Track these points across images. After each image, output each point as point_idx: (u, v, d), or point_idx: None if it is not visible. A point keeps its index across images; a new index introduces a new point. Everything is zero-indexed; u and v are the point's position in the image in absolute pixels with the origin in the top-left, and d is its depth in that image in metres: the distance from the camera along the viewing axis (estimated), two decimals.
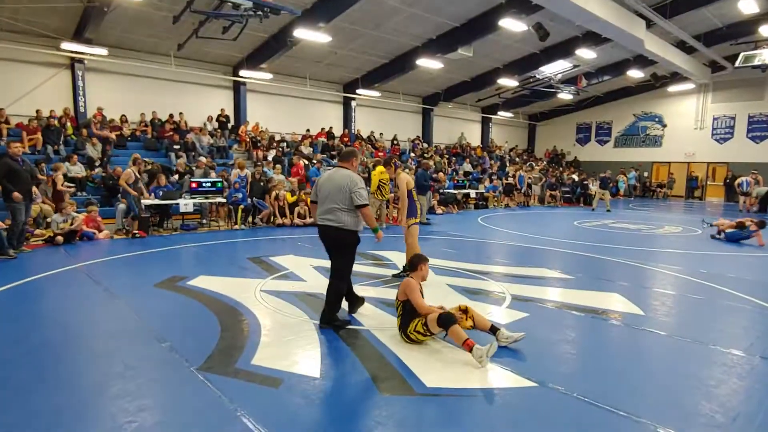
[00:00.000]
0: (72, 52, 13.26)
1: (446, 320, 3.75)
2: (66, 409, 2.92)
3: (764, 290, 6.03)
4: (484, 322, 4.03)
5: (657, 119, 25.22)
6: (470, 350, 3.58)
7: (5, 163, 7.37)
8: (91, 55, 13.50)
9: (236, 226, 11.07)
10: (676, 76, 20.78)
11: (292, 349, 3.90)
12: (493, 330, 3.97)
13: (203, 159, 13.09)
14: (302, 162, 14.75)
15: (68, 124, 13.22)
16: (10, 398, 3.04)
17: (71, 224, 8.64)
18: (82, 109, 13.98)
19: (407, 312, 4.00)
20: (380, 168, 10.01)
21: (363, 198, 4.31)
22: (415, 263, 4.25)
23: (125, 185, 9.20)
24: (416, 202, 6.26)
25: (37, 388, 3.17)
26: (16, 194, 7.24)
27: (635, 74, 20.69)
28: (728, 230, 10.06)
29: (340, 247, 4.45)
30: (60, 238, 8.38)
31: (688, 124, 24.02)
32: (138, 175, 10.12)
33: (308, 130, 18.55)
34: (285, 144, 16.95)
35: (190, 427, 2.74)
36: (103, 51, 13.33)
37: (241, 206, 11.13)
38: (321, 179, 4.60)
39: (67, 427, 2.73)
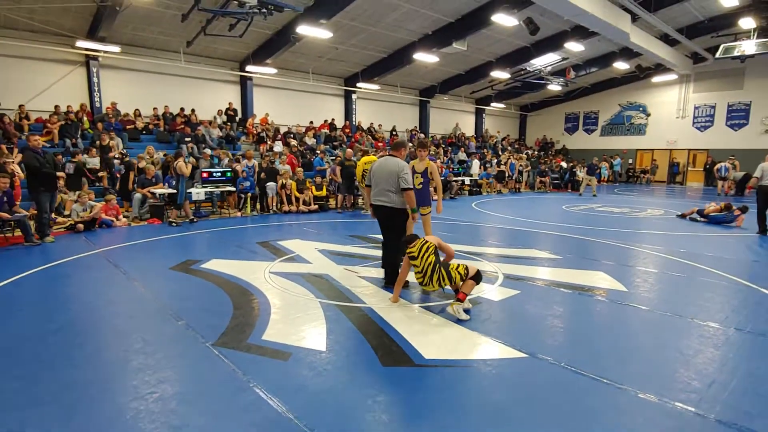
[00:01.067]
0: (86, 49, 13.12)
1: (478, 277, 4.22)
2: (93, 382, 2.97)
3: (739, 267, 6.08)
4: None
5: (641, 109, 25.03)
6: (460, 300, 4.06)
7: (28, 155, 7.35)
8: (104, 52, 13.38)
9: (245, 213, 11.08)
10: (660, 68, 20.55)
11: (300, 325, 3.94)
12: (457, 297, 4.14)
13: (208, 151, 12.95)
14: (295, 150, 14.83)
15: (84, 118, 13.15)
16: (41, 372, 3.09)
17: (90, 212, 8.65)
18: (97, 104, 13.89)
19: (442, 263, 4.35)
20: (365, 158, 9.77)
21: (407, 182, 4.74)
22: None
23: (183, 171, 9.31)
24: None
25: (65, 363, 3.22)
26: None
27: (621, 66, 20.47)
28: (712, 213, 10.11)
29: (392, 223, 4.88)
30: (80, 226, 8.40)
31: (671, 113, 23.83)
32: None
33: (312, 122, 18.46)
34: (292, 136, 16.87)
35: (206, 397, 2.79)
36: (116, 48, 13.20)
37: (249, 194, 11.13)
38: (374, 166, 4.98)
39: (95, 398, 2.78)
